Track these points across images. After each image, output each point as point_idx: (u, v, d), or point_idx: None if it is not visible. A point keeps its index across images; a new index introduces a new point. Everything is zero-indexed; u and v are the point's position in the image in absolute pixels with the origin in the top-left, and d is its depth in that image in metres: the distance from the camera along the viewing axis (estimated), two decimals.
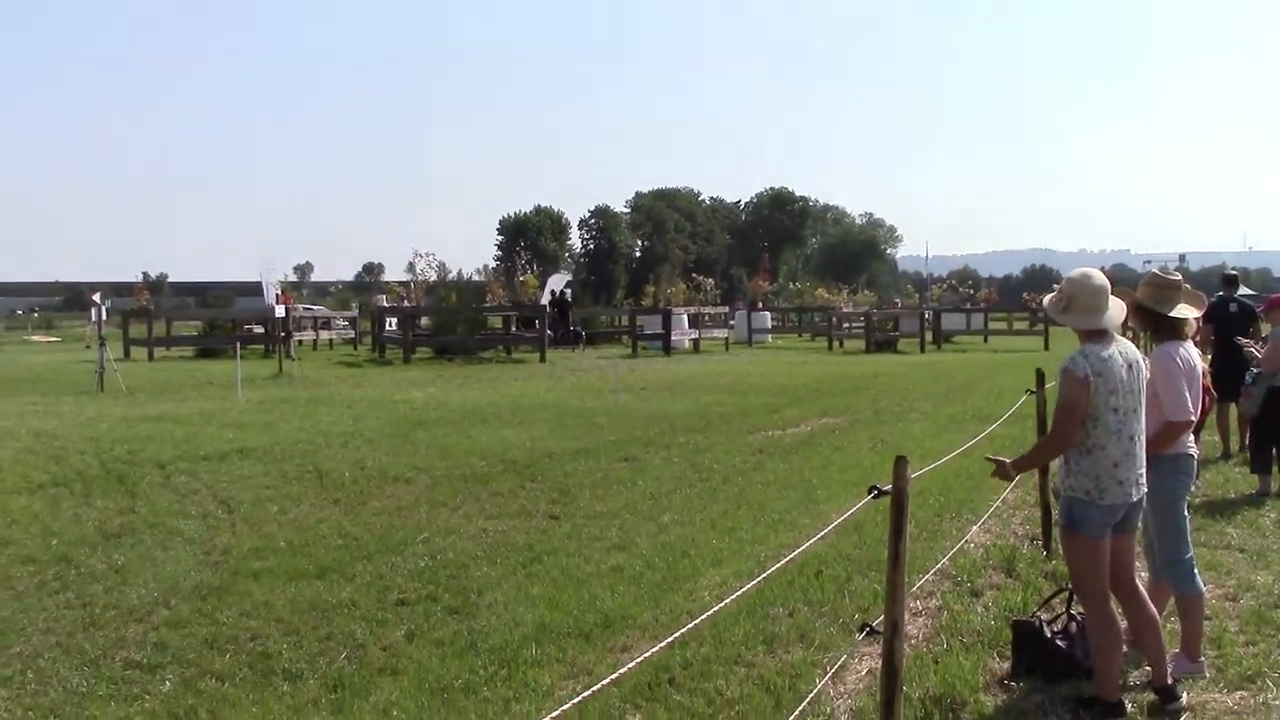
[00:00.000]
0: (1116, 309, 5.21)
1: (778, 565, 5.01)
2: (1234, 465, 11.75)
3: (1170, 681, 5.24)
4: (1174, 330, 5.79)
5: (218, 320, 40.76)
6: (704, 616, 3.83)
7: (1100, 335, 5.11)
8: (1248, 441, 11.32)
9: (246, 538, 8.75)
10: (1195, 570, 5.79)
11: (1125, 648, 5.82)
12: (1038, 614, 5.98)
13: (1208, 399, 11.20)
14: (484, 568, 7.77)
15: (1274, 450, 10.42)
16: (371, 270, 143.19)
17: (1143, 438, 5.17)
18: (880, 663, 4.21)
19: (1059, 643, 5.59)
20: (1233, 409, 12.17)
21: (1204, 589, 5.91)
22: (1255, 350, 11.15)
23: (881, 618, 4.19)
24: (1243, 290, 14.44)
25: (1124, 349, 5.13)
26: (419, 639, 6.30)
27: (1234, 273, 14.23)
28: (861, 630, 4.35)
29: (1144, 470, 5.18)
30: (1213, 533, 8.59)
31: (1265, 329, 11.39)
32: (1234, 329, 12.01)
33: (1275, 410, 10.35)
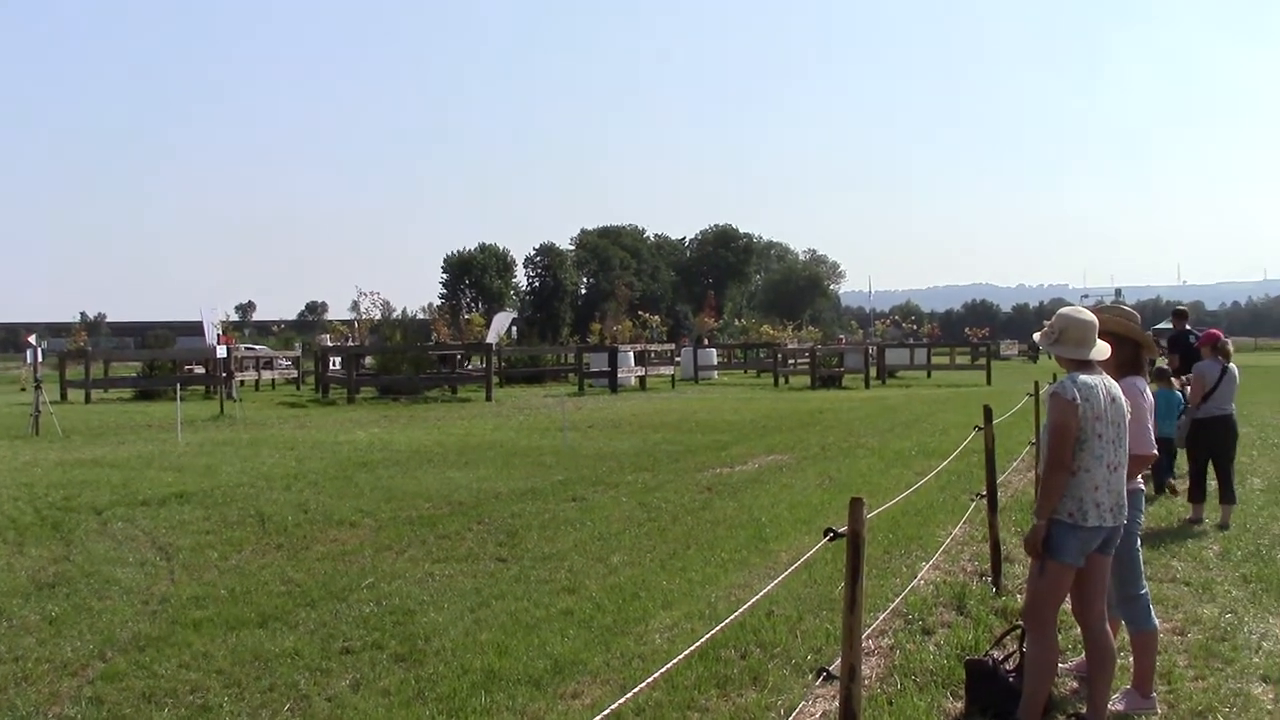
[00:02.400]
0: (1102, 346, 5.39)
1: (734, 615, 4.92)
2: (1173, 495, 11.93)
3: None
4: (1137, 365, 5.92)
5: (157, 361, 40.04)
6: (661, 671, 3.75)
7: (1087, 366, 5.30)
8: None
9: (186, 585, 8.53)
10: (1150, 606, 5.81)
11: (1076, 683, 5.84)
12: (990, 652, 5.95)
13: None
14: (431, 613, 7.62)
15: (1206, 479, 10.90)
16: (315, 309, 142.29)
17: (1124, 469, 5.29)
18: (836, 705, 4.15)
19: (1012, 681, 5.57)
20: None
21: (1157, 625, 5.93)
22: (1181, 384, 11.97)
23: (837, 661, 4.14)
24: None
25: (1107, 382, 5.31)
26: (364, 688, 6.15)
27: (1185, 308, 15.27)
28: (818, 675, 4.30)
29: (1125, 498, 5.30)
30: (1158, 566, 8.64)
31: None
32: (1194, 359, 12.48)
33: (1199, 441, 10.99)
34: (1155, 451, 5.87)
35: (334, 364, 36.79)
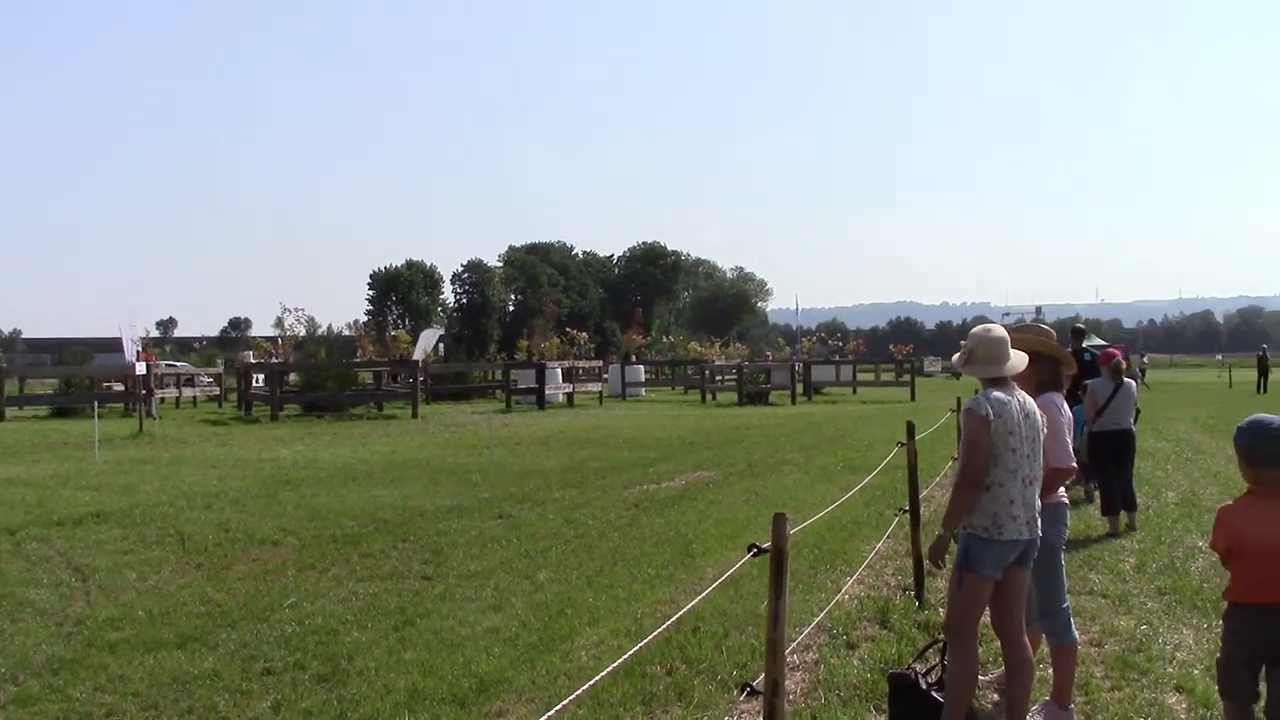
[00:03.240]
0: (1015, 359, 5.45)
1: (658, 631, 4.92)
2: (1091, 508, 12.19)
3: None
4: (1057, 382, 6.03)
5: (75, 378, 39.16)
6: (585, 687, 3.75)
7: (1001, 383, 5.36)
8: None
9: (102, 607, 8.34)
10: (1071, 619, 5.91)
11: (997, 695, 5.93)
12: (913, 666, 6.01)
13: None
14: (354, 632, 7.53)
15: (1116, 491, 11.31)
16: (238, 325, 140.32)
17: (1038, 483, 5.37)
18: None
19: (934, 694, 5.63)
20: None
21: (1077, 637, 6.04)
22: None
23: (761, 677, 4.16)
24: (1097, 340, 15.79)
25: (1022, 398, 5.38)
26: (285, 710, 6.05)
27: (1082, 325, 15.82)
28: (742, 690, 4.32)
29: (1039, 511, 5.37)
30: (1077, 579, 8.79)
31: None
32: (1088, 376, 12.97)
33: (1099, 455, 11.54)
34: (1074, 465, 5.96)
35: (257, 381, 36.27)
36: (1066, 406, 6.13)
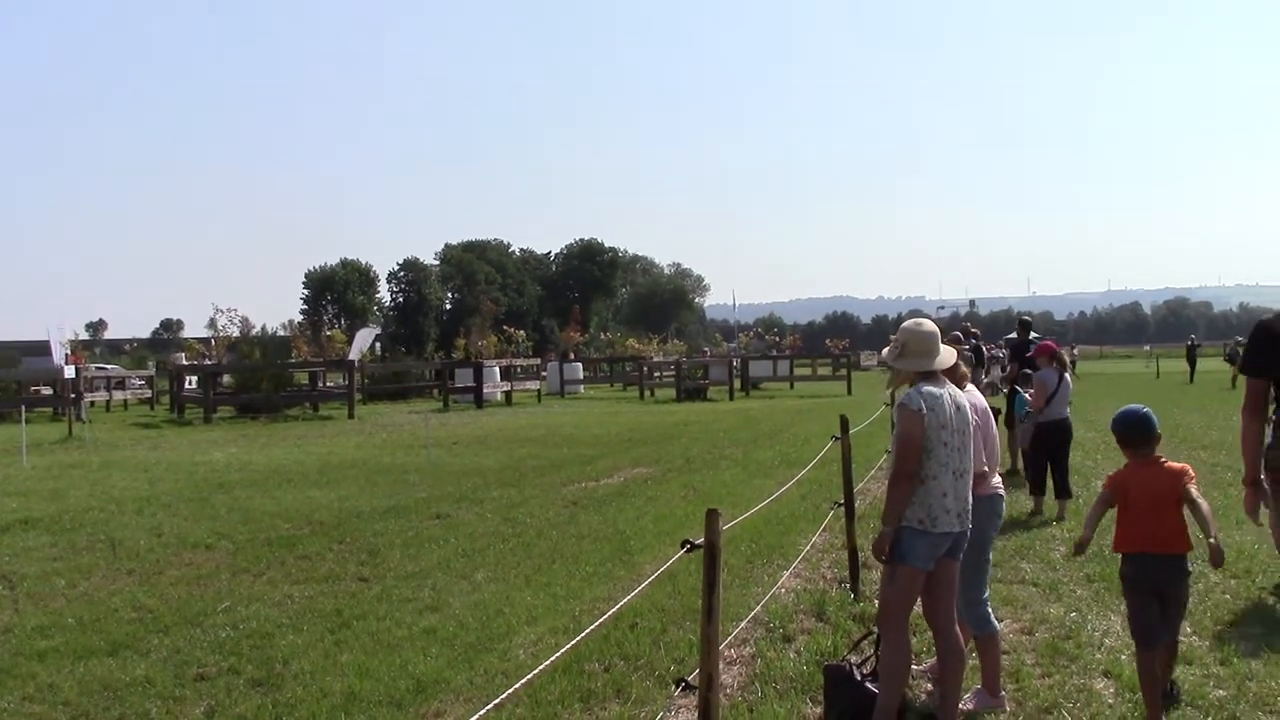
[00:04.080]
0: (946, 353, 5.52)
1: (595, 624, 4.94)
2: (1021, 491, 12.41)
3: None
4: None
5: (1, 382, 38.44)
6: (520, 683, 3.75)
7: (932, 376, 5.42)
8: (1019, 466, 13.48)
9: (31, 615, 8.20)
10: (990, 610, 6.02)
11: (931, 685, 6.01)
12: (848, 657, 6.08)
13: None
14: (290, 636, 7.46)
15: (1046, 476, 11.82)
16: (170, 327, 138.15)
17: (969, 475, 5.45)
18: (696, 716, 4.20)
19: (869, 685, 5.70)
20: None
21: (999, 627, 6.13)
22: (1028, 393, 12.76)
23: (697, 671, 4.19)
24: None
25: (953, 391, 5.45)
26: (220, 715, 5.99)
27: (1029, 318, 16.42)
28: (677, 685, 4.35)
29: (970, 504, 5.46)
30: (1008, 569, 8.93)
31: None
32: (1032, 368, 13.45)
33: (1042, 443, 11.85)
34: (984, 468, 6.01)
35: (190, 383, 35.77)
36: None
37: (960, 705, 5.60)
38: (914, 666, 5.99)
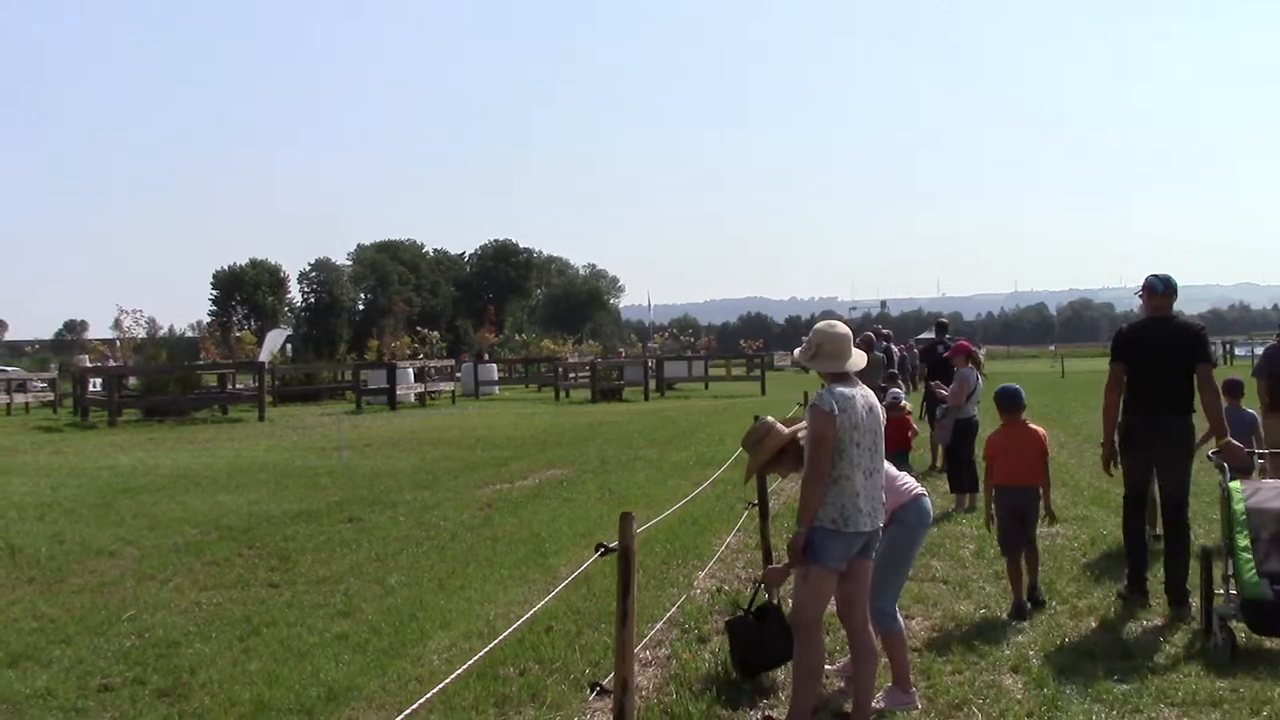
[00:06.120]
0: (858, 356, 5.58)
1: (510, 629, 4.91)
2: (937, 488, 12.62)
3: (870, 718, 5.58)
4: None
5: None
6: (434, 690, 3.71)
7: (844, 378, 5.46)
8: (940, 464, 13.84)
9: None
10: (896, 609, 6.11)
11: (843, 684, 6.08)
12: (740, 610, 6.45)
13: (913, 433, 13.20)
14: (197, 644, 7.31)
15: (965, 471, 12.18)
16: (73, 328, 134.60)
17: (880, 475, 5.51)
18: (612, 719, 4.19)
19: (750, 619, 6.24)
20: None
21: (904, 625, 6.23)
22: (943, 390, 13.27)
23: (612, 675, 4.18)
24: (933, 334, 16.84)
25: (864, 392, 5.51)
26: None
27: (945, 320, 17.17)
28: (593, 689, 4.33)
29: (882, 503, 5.54)
30: (919, 567, 9.03)
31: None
32: (943, 367, 13.74)
33: (963, 440, 12.25)
34: None
35: (94, 385, 34.88)
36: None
37: (873, 703, 5.67)
38: (827, 666, 6.06)
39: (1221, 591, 6.86)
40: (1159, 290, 7.94)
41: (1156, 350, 7.83)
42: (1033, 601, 7.66)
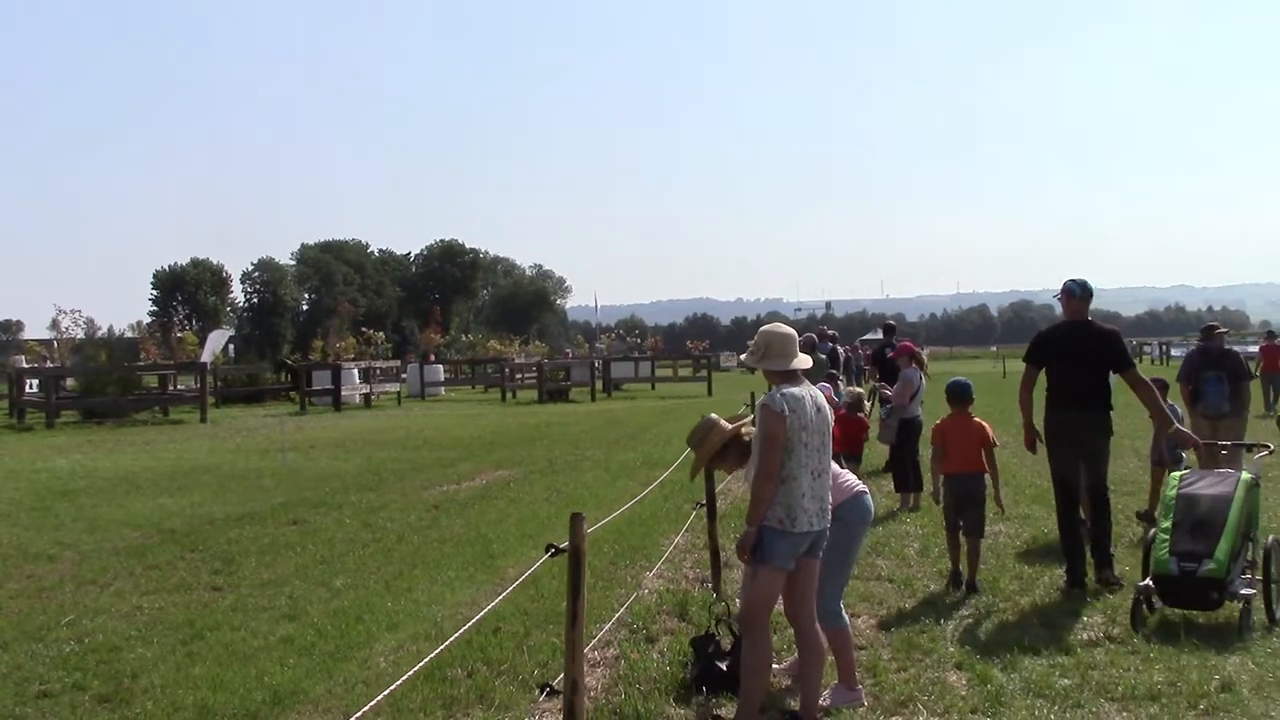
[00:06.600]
0: (804, 356, 5.62)
1: (459, 631, 4.89)
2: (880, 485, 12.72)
3: (818, 715, 5.61)
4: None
5: None
6: (383, 695, 3.68)
7: (792, 377, 5.50)
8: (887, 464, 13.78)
9: None
10: (841, 606, 6.15)
11: (790, 682, 6.12)
12: (714, 631, 6.41)
13: (866, 432, 13.29)
14: (139, 649, 7.21)
15: (910, 471, 12.35)
16: (9, 328, 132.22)
17: (827, 475, 5.55)
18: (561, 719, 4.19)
19: (718, 665, 6.09)
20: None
21: (849, 622, 6.27)
22: (888, 390, 13.46)
23: (561, 676, 4.17)
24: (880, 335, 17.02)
25: (813, 393, 5.55)
26: None
27: (893, 322, 17.71)
28: (542, 690, 4.33)
29: (829, 503, 5.57)
30: (864, 565, 9.12)
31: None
32: (889, 369, 13.92)
33: (907, 440, 12.46)
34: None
35: (31, 386, 34.30)
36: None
37: (820, 701, 5.71)
38: (774, 665, 6.09)
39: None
40: (1077, 294, 8.49)
41: (1076, 352, 8.41)
42: (968, 589, 8.20)
